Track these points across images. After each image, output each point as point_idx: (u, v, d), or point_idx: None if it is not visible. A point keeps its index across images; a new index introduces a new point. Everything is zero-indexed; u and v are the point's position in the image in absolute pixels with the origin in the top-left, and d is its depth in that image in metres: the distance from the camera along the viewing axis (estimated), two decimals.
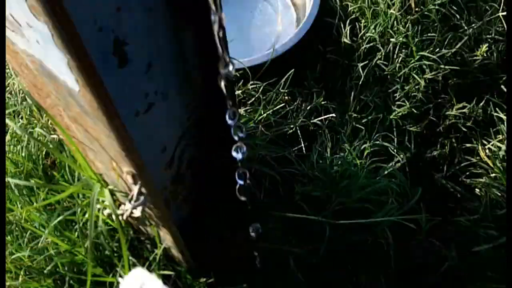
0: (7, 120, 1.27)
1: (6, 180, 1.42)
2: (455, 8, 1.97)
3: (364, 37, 1.93)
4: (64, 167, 1.42)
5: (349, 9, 2.01)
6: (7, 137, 1.53)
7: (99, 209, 1.35)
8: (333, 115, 1.79)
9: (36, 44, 0.87)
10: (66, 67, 0.86)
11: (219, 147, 1.47)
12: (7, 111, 1.65)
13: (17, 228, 1.37)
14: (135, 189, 1.07)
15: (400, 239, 1.57)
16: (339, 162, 1.66)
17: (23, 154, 1.46)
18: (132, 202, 1.06)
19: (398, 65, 1.89)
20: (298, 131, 1.76)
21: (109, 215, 1.30)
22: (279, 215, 1.57)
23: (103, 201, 1.30)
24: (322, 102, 1.84)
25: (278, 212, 1.58)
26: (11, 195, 1.37)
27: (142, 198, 1.06)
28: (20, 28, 0.87)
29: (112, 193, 1.26)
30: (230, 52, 1.70)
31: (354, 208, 1.57)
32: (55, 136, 1.48)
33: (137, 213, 1.10)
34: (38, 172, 1.46)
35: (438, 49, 1.89)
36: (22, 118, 1.70)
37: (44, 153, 1.52)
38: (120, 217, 1.22)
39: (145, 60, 1.08)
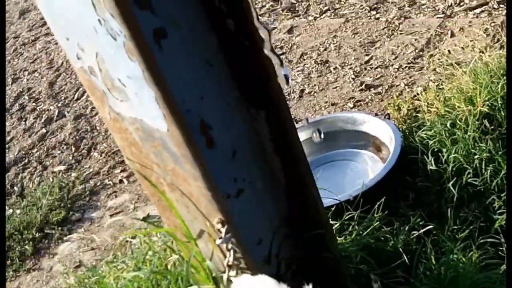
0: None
1: None
2: None
3: (448, 161, 2.02)
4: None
5: (430, 143, 2.15)
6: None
7: None
8: (432, 225, 1.80)
9: (135, 97, 1.15)
10: (156, 105, 1.11)
11: (317, 247, 1.55)
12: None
13: None
14: (223, 230, 1.20)
15: None
16: (443, 261, 1.63)
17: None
18: (221, 240, 1.19)
19: (489, 178, 1.93)
20: (400, 249, 1.78)
21: None
22: None
23: None
24: (420, 223, 1.87)
25: None
26: None
27: (229, 235, 1.18)
28: (125, 89, 1.16)
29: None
30: (325, 193, 1.87)
31: None
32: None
33: (230, 258, 1.21)
34: None
35: None
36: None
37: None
38: None
39: (229, 146, 1.30)
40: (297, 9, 4.23)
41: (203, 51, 1.20)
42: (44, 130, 3.94)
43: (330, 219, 1.84)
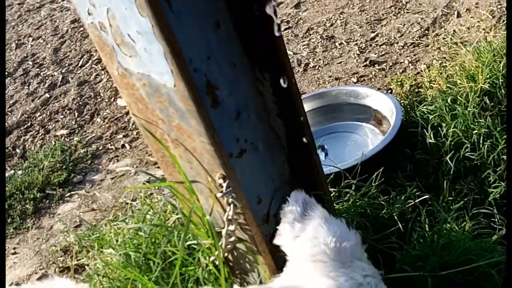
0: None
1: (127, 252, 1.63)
2: None
3: (447, 135, 2.06)
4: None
5: (430, 118, 2.18)
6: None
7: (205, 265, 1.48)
8: (427, 196, 1.84)
9: (144, 53, 1.17)
10: (164, 61, 1.14)
11: None
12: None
13: None
14: (224, 185, 1.24)
15: None
16: (437, 229, 1.67)
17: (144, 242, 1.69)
18: (222, 193, 1.22)
19: (486, 153, 1.96)
20: (395, 217, 1.81)
21: (214, 260, 1.44)
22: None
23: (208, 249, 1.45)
24: (417, 193, 1.91)
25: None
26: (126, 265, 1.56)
27: (230, 189, 1.22)
28: (134, 45, 1.18)
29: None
30: (327, 162, 1.90)
31: (455, 262, 1.54)
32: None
33: (230, 213, 1.24)
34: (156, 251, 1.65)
35: None
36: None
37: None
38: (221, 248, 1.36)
39: (234, 107, 1.32)
40: None
41: (211, 12, 1.22)
42: (47, 95, 3.96)
43: (328, 186, 1.88)
